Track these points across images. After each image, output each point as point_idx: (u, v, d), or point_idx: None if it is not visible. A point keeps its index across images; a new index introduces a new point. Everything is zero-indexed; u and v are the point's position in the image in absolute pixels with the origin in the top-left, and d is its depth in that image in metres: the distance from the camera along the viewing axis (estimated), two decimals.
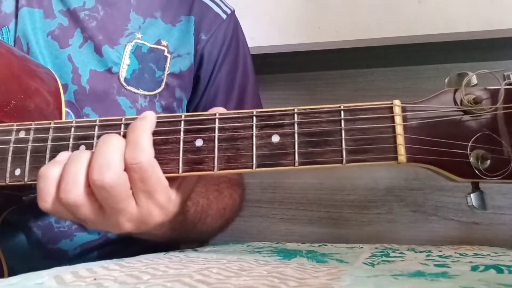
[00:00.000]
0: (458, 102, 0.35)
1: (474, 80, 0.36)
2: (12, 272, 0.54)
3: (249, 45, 0.74)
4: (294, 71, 1.09)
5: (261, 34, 0.94)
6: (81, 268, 0.35)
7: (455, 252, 0.57)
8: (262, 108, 0.73)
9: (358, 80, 1.08)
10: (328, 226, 1.00)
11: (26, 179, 0.41)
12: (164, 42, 0.64)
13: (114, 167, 0.37)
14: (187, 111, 0.67)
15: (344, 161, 0.36)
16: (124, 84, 0.60)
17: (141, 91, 0.61)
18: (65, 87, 0.58)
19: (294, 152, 0.37)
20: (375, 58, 1.05)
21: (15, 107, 0.45)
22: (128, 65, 0.61)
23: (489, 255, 0.53)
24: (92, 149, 0.40)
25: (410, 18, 1.03)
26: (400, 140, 0.35)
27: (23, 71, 0.50)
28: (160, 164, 0.39)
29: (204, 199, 0.55)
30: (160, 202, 0.39)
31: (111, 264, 0.37)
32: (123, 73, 0.60)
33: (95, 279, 0.31)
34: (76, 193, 0.37)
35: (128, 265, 0.37)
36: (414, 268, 0.40)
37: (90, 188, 0.37)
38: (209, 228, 0.60)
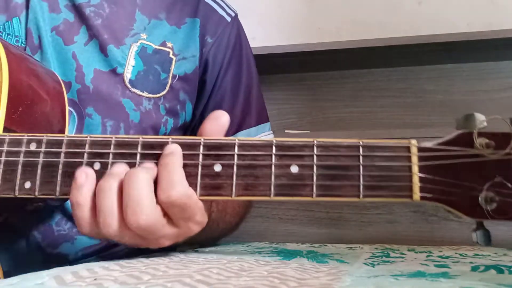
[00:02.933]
0: (471, 145, 0.37)
1: (484, 123, 0.38)
2: (9, 276, 0.54)
3: (250, 45, 0.74)
4: (295, 71, 1.09)
5: (262, 34, 0.94)
6: (82, 268, 0.35)
7: (455, 253, 0.57)
8: (265, 108, 0.72)
9: (359, 80, 1.08)
10: (328, 227, 1.01)
11: (37, 193, 0.41)
12: (169, 44, 0.63)
13: (146, 208, 0.37)
14: (194, 116, 0.67)
15: (361, 196, 0.37)
16: (129, 86, 0.59)
17: (145, 94, 0.60)
18: (68, 85, 0.57)
19: (312, 184, 0.38)
20: (375, 58, 1.05)
21: (22, 113, 0.44)
22: (133, 66, 0.60)
23: (489, 255, 0.53)
24: (106, 167, 0.40)
25: (411, 19, 1.03)
26: (416, 179, 0.37)
27: (29, 75, 0.49)
28: None
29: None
30: (198, 221, 0.40)
31: (112, 264, 0.37)
32: (128, 75, 0.60)
33: (95, 279, 0.31)
34: (113, 228, 0.38)
35: (128, 265, 0.37)
36: (414, 268, 0.40)
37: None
38: (228, 226, 0.61)
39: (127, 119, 0.59)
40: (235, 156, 0.39)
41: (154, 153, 0.40)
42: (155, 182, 0.38)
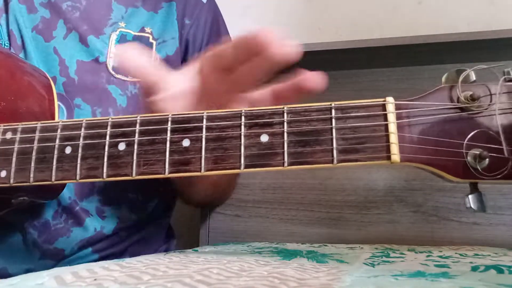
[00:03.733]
0: (455, 99, 0.34)
1: (472, 77, 0.35)
2: (6, 273, 0.54)
3: None
4: (294, 72, 1.09)
5: None
6: (82, 268, 0.35)
7: (455, 253, 0.57)
8: None
9: (359, 80, 1.08)
10: (328, 227, 1.00)
11: (11, 181, 0.41)
12: (148, 29, 0.64)
13: None
14: None
15: (335, 161, 0.35)
16: (113, 72, 0.61)
17: (130, 78, 0.61)
18: (54, 79, 0.58)
19: (283, 152, 0.36)
20: (375, 58, 1.05)
21: (4, 109, 0.45)
22: (114, 54, 0.61)
23: (489, 255, 0.53)
24: (77, 150, 0.39)
25: (411, 19, 1.03)
26: (393, 138, 0.34)
27: (13, 71, 0.49)
28: (146, 164, 0.38)
29: None
30: None
31: (112, 264, 0.37)
32: (110, 62, 0.61)
33: (95, 279, 0.31)
34: None
35: (128, 265, 0.37)
36: (414, 268, 0.40)
37: None
38: (227, 188, 0.68)
39: (115, 104, 0.60)
40: (203, 129, 0.38)
41: (123, 131, 0.39)
42: None
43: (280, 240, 0.98)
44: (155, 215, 0.68)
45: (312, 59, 1.06)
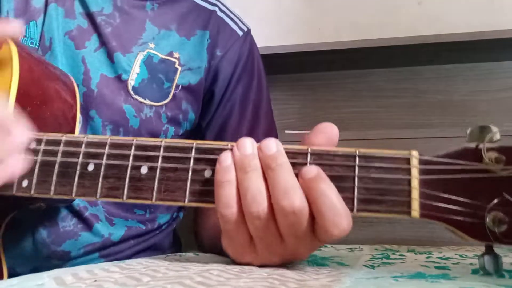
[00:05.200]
0: (480, 159, 0.33)
1: (497, 136, 0.34)
2: (13, 272, 0.54)
3: None
4: (294, 72, 1.09)
5: (261, 35, 0.94)
6: (82, 270, 0.35)
7: (455, 254, 0.57)
8: (274, 124, 0.72)
9: (359, 80, 1.08)
10: None
11: (32, 192, 0.40)
12: (176, 54, 0.64)
13: (298, 191, 0.35)
14: (200, 127, 0.68)
15: (355, 210, 0.35)
16: (132, 92, 0.61)
17: (147, 101, 0.61)
18: None
19: None
20: (375, 58, 1.05)
21: (30, 113, 0.44)
22: (138, 73, 0.61)
23: None
24: (100, 169, 0.39)
25: (410, 19, 1.03)
26: (415, 194, 0.34)
27: (42, 77, 0.49)
28: (167, 191, 0.38)
29: None
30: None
31: (112, 266, 0.37)
32: (131, 82, 0.61)
33: (95, 280, 0.31)
34: (263, 206, 0.36)
35: (128, 267, 0.37)
36: (414, 269, 0.40)
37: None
38: None
39: (127, 124, 0.60)
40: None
41: (147, 154, 0.39)
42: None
43: None
44: (163, 225, 0.68)
45: (312, 59, 1.06)
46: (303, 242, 0.37)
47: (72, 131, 0.51)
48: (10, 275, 0.50)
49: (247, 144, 0.37)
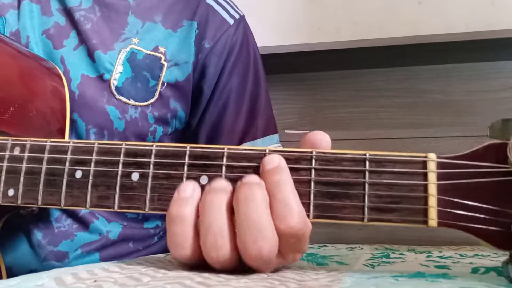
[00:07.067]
0: (504, 160, 0.30)
1: None
2: (11, 274, 0.54)
3: None
4: (294, 72, 1.09)
5: (262, 35, 0.94)
6: (81, 270, 0.35)
7: (455, 253, 0.57)
8: (273, 119, 0.66)
9: (359, 80, 1.08)
10: (328, 227, 1.00)
11: (19, 202, 0.38)
12: (161, 49, 0.60)
13: (269, 236, 0.32)
14: (190, 125, 0.63)
15: (366, 219, 0.32)
16: (115, 93, 0.57)
17: (132, 102, 0.57)
18: None
19: (309, 203, 0.33)
20: (375, 58, 1.05)
21: (14, 114, 0.42)
22: (121, 72, 0.58)
23: (489, 255, 0.53)
24: (88, 176, 0.37)
25: (410, 19, 1.03)
26: (433, 202, 0.31)
27: (26, 71, 0.47)
28: (161, 200, 0.36)
29: None
30: (304, 249, 0.36)
31: (112, 266, 0.37)
32: (114, 81, 0.57)
33: (95, 281, 0.31)
34: (224, 251, 0.32)
35: (128, 267, 0.37)
36: (414, 269, 0.40)
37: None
38: None
39: (111, 127, 0.57)
40: (223, 168, 0.35)
41: (137, 161, 0.36)
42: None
43: None
44: (161, 229, 0.68)
45: (312, 59, 1.06)
46: (273, 266, 0.35)
47: (63, 127, 0.49)
48: (9, 276, 0.50)
49: (217, 181, 0.34)
